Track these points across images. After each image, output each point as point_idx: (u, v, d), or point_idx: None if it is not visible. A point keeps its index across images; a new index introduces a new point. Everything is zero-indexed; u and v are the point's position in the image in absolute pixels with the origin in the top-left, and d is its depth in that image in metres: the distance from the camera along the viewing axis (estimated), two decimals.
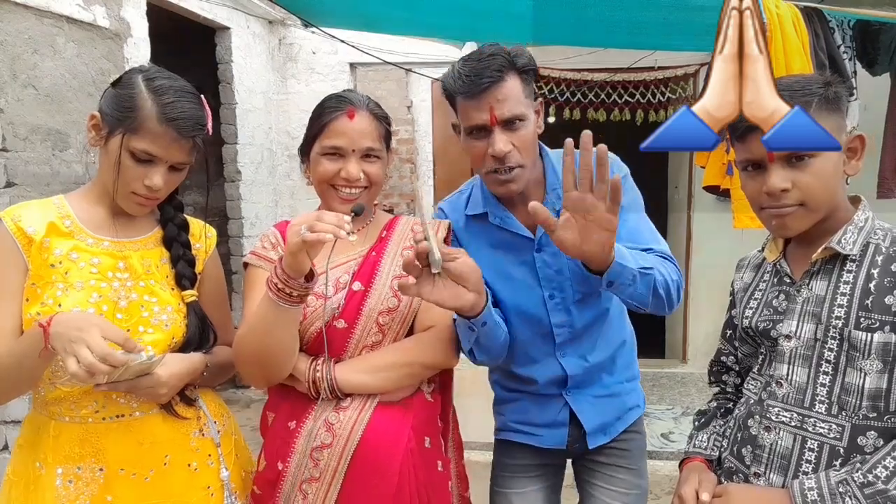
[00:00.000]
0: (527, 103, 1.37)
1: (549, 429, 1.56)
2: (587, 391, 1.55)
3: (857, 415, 1.07)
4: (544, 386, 1.54)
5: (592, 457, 1.61)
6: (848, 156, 1.12)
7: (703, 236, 4.87)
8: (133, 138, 1.19)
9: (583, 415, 1.53)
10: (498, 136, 1.34)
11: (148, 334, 1.25)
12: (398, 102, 5.70)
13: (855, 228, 1.12)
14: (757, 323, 1.21)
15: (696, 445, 1.32)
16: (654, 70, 4.57)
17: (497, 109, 1.32)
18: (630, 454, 1.61)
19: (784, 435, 1.13)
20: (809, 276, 1.15)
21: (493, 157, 1.35)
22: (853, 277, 1.10)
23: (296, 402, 1.35)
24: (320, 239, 1.11)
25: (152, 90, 1.21)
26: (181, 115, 1.20)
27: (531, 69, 1.38)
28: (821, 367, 1.11)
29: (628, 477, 1.59)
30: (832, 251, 1.12)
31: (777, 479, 1.12)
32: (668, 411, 4.23)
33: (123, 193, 1.24)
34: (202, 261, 1.40)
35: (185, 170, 1.28)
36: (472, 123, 1.37)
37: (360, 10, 3.68)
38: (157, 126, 1.19)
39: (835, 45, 2.79)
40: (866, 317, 1.06)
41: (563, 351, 1.52)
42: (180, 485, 1.29)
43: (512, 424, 1.61)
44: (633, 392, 1.62)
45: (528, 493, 1.60)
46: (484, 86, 1.31)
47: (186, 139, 1.22)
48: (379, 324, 1.35)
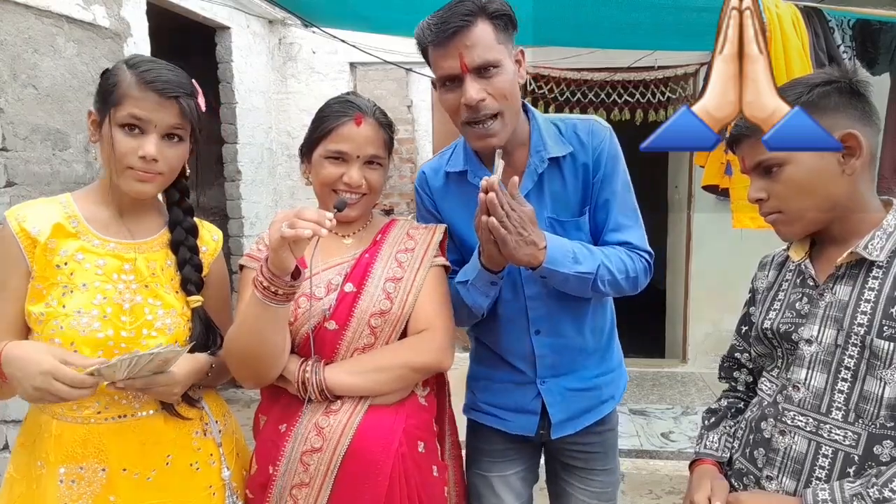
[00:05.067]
0: (500, 49, 1.30)
1: (518, 414, 1.53)
2: (563, 383, 1.51)
3: (874, 423, 1.05)
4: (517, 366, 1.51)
5: (565, 459, 1.59)
6: (845, 156, 1.07)
7: (702, 236, 4.86)
8: (118, 109, 1.20)
9: (552, 407, 1.51)
10: (469, 84, 1.29)
11: (151, 337, 1.25)
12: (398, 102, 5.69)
13: (883, 234, 1.09)
14: (779, 325, 1.18)
15: (707, 447, 1.29)
16: (654, 70, 4.56)
17: (467, 56, 1.27)
18: (604, 455, 1.59)
19: (799, 440, 1.11)
20: (834, 280, 1.12)
21: (466, 105, 1.30)
22: (879, 284, 1.07)
23: (287, 404, 1.34)
24: (299, 235, 1.09)
25: (130, 66, 1.23)
26: (159, 78, 1.21)
27: (504, 14, 1.31)
28: (840, 373, 1.08)
29: (602, 478, 1.58)
30: (858, 256, 1.09)
31: (789, 484, 1.10)
32: (668, 411, 4.23)
33: (120, 171, 1.23)
34: (207, 264, 1.39)
35: (180, 142, 1.26)
36: (443, 73, 1.32)
37: (360, 10, 3.67)
38: (138, 91, 1.20)
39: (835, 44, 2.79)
40: (890, 326, 1.04)
41: (536, 327, 1.48)
42: (182, 485, 1.29)
43: (482, 405, 1.58)
44: (610, 384, 1.57)
45: (508, 476, 1.59)
46: (451, 31, 1.26)
47: (169, 99, 1.21)
48: (371, 326, 1.34)
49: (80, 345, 1.20)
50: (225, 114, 4.53)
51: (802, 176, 1.08)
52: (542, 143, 1.43)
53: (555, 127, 1.46)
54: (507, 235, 1.24)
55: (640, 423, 4.02)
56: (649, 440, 3.77)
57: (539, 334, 1.49)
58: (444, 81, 1.34)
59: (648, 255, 1.45)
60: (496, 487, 1.58)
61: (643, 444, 3.71)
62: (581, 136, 1.44)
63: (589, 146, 1.43)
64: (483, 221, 1.23)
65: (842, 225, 1.12)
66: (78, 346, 1.20)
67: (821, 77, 1.10)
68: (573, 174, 1.44)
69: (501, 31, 1.31)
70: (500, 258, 1.30)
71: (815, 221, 1.12)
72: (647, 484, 3.28)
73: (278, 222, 1.13)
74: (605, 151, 1.43)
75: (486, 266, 1.36)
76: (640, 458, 3.57)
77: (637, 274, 1.41)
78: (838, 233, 1.13)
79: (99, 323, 1.21)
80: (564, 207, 1.45)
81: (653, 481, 3.32)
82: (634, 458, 3.57)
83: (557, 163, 1.44)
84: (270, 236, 1.14)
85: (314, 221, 1.11)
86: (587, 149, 1.43)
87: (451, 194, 1.50)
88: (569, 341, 1.50)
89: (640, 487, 3.24)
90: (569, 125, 1.46)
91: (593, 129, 1.45)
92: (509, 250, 1.26)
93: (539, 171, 1.43)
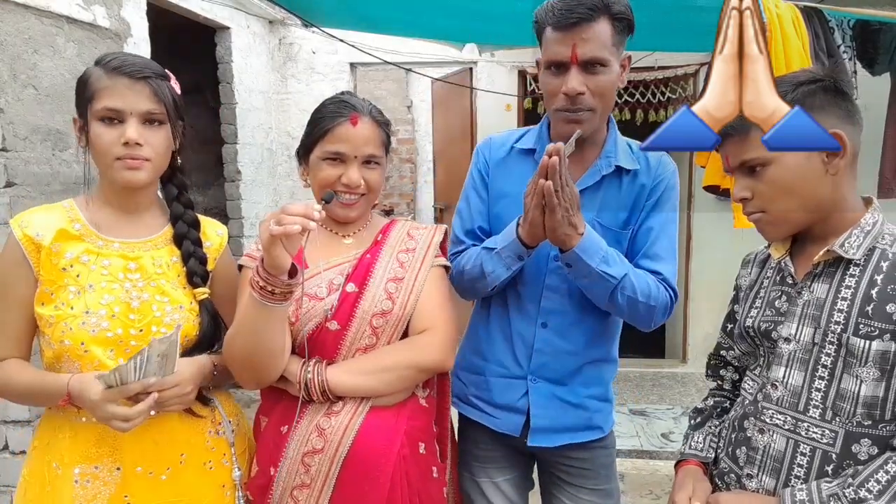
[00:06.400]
0: (612, 50, 1.34)
1: (505, 412, 1.51)
2: (553, 388, 1.49)
3: (851, 422, 1.06)
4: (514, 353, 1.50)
5: (554, 471, 1.57)
6: (829, 156, 1.06)
7: (703, 236, 4.87)
8: (93, 104, 1.22)
9: (536, 408, 1.48)
10: (574, 75, 1.33)
11: (161, 334, 1.25)
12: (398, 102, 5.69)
13: (861, 232, 1.09)
14: (759, 323, 1.19)
15: (693, 447, 1.31)
16: (654, 70, 4.57)
17: (580, 48, 1.31)
18: (594, 473, 1.55)
19: (777, 438, 1.11)
20: (811, 278, 1.13)
21: (564, 94, 1.34)
22: (855, 282, 1.07)
23: (288, 406, 1.34)
24: (287, 231, 1.09)
25: (98, 63, 1.25)
26: (126, 62, 1.23)
27: (625, 17, 1.35)
28: (817, 371, 1.09)
29: (593, 498, 1.55)
30: (835, 254, 1.09)
31: (769, 482, 1.11)
32: (668, 411, 4.23)
33: (108, 164, 1.24)
34: (213, 259, 1.39)
35: (161, 125, 1.26)
36: (552, 58, 1.35)
37: (361, 10, 3.67)
38: (108, 80, 1.22)
39: (835, 45, 2.78)
40: (866, 324, 1.04)
41: (544, 319, 1.48)
42: (196, 483, 1.30)
43: (472, 399, 1.57)
44: (600, 413, 1.53)
45: (499, 482, 1.57)
46: (573, 20, 1.30)
47: (139, 81, 1.22)
48: (372, 326, 1.34)
49: (91, 344, 1.21)
50: (225, 114, 4.53)
51: (786, 176, 1.08)
52: (614, 150, 1.47)
53: (627, 145, 1.51)
54: (557, 206, 1.25)
55: (640, 424, 4.02)
56: (649, 440, 3.77)
57: (545, 328, 1.49)
58: (549, 65, 1.37)
59: (674, 293, 1.44)
60: (487, 493, 1.57)
61: (643, 444, 3.71)
62: (650, 160, 1.49)
63: (653, 171, 1.48)
64: (540, 184, 1.24)
65: (823, 224, 1.12)
66: (88, 346, 1.21)
67: (805, 75, 1.09)
68: (630, 190, 1.47)
69: (618, 32, 1.35)
70: (540, 229, 1.30)
71: (799, 222, 1.12)
72: (648, 484, 3.28)
73: (267, 222, 1.12)
74: (666, 182, 1.48)
75: (522, 238, 1.36)
76: (640, 459, 3.57)
77: (657, 304, 1.40)
78: (819, 231, 1.13)
79: (108, 322, 1.22)
80: (611, 216, 1.47)
81: (653, 481, 3.32)
82: (634, 458, 3.57)
83: (620, 174, 1.47)
84: (261, 236, 1.14)
85: (301, 215, 1.11)
86: (651, 173, 1.47)
87: (508, 168, 1.53)
88: (570, 346, 1.49)
89: (641, 487, 3.24)
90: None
91: (662, 159, 1.50)
92: (554, 222, 1.26)
93: (603, 173, 1.46)
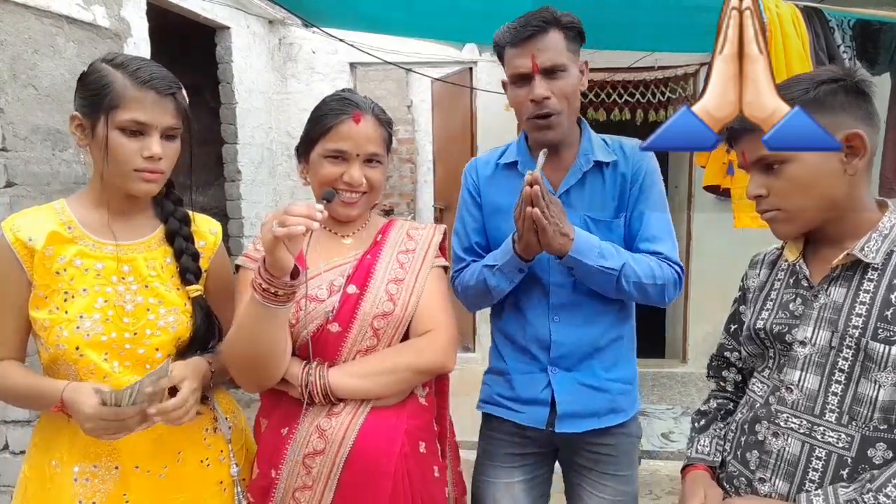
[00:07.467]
0: (569, 56, 1.48)
1: (529, 406, 1.55)
2: (574, 374, 1.54)
3: (867, 426, 1.05)
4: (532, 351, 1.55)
5: (577, 458, 1.59)
6: (848, 155, 1.06)
7: (703, 236, 4.86)
8: (117, 113, 1.19)
9: (560, 395, 1.52)
10: (538, 82, 1.45)
11: (155, 337, 1.25)
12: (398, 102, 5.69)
13: (879, 236, 1.08)
14: (772, 326, 1.18)
15: (699, 451, 1.29)
16: (654, 70, 4.56)
17: (538, 57, 1.44)
18: (618, 460, 1.58)
19: (792, 442, 1.10)
20: (828, 281, 1.11)
21: (532, 101, 1.46)
22: (874, 287, 1.06)
23: (288, 407, 1.34)
24: (291, 232, 1.08)
25: (116, 65, 1.22)
26: (154, 76, 1.22)
27: (574, 27, 1.49)
28: (833, 375, 1.08)
29: (613, 484, 1.57)
30: (854, 258, 1.08)
31: (782, 486, 1.10)
32: (668, 411, 4.23)
33: (126, 174, 1.22)
34: (207, 257, 1.38)
35: (177, 139, 1.27)
36: (516, 71, 1.48)
37: (361, 10, 3.67)
38: (137, 91, 1.20)
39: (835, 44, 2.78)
40: (885, 328, 1.03)
41: (556, 314, 1.53)
42: (194, 480, 1.30)
43: (496, 398, 1.61)
44: (623, 395, 1.58)
45: (513, 483, 1.59)
46: (528, 33, 1.44)
47: (167, 97, 1.22)
48: (374, 328, 1.34)
49: (85, 349, 1.20)
50: (225, 114, 4.53)
51: (805, 174, 1.07)
52: (590, 147, 1.56)
53: (602, 140, 1.60)
54: (548, 225, 1.35)
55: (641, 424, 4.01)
56: (649, 440, 3.77)
57: (557, 322, 1.53)
58: (515, 80, 1.50)
59: (679, 267, 1.52)
60: (497, 495, 1.59)
61: (643, 444, 3.67)
62: (626, 150, 1.57)
63: (631, 159, 1.56)
64: (528, 212, 1.34)
65: (837, 225, 1.11)
66: (83, 350, 1.20)
67: (826, 74, 1.09)
68: (612, 180, 1.56)
69: (571, 41, 1.49)
70: (535, 247, 1.40)
71: (813, 220, 1.12)
72: (648, 484, 3.28)
73: (269, 223, 1.11)
74: (645, 167, 1.56)
75: (519, 254, 1.43)
76: (641, 458, 3.57)
77: (665, 282, 1.48)
78: (833, 233, 1.12)
79: (102, 326, 1.21)
80: (600, 208, 1.55)
81: (653, 481, 3.32)
82: None
83: (600, 168, 1.56)
84: (263, 238, 1.13)
85: (304, 216, 1.10)
86: (629, 161, 1.56)
87: (498, 183, 1.62)
88: (585, 335, 1.54)
89: (641, 487, 3.20)
90: (615, 141, 1.60)
91: (637, 147, 1.57)
92: (547, 238, 1.37)
93: (584, 170, 1.54)
